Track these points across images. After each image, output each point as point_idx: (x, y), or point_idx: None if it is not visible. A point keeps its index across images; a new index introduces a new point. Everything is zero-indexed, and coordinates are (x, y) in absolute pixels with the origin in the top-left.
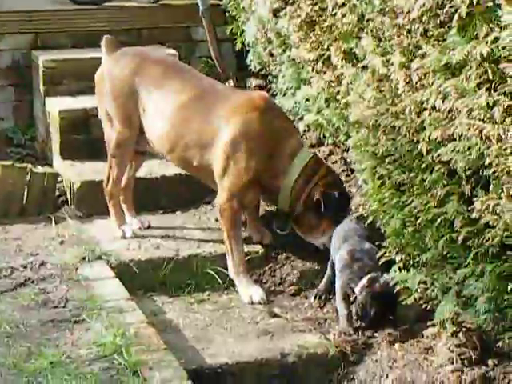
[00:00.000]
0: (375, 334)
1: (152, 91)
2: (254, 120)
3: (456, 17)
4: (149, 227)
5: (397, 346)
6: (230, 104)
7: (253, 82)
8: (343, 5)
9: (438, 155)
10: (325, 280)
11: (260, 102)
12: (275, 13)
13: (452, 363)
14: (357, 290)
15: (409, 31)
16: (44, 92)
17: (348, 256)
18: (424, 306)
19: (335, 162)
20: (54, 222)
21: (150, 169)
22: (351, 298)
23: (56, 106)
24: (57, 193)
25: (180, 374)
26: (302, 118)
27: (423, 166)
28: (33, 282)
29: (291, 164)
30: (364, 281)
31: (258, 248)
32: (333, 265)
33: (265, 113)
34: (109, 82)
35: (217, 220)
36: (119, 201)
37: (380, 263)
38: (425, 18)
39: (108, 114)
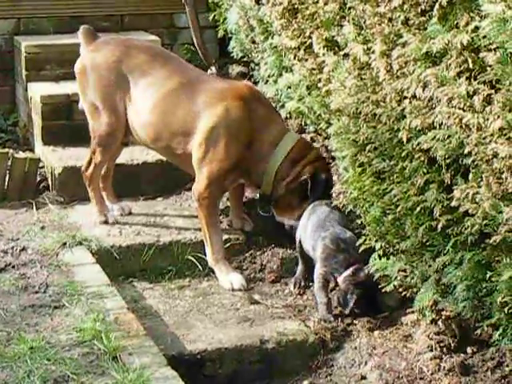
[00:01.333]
0: (354, 322)
1: (138, 80)
2: (236, 107)
3: (437, 6)
4: (130, 213)
5: (376, 333)
6: (213, 91)
7: (235, 68)
8: None
9: (418, 143)
10: (300, 267)
11: (244, 90)
12: (258, 0)
13: (431, 350)
14: (340, 279)
15: (390, 19)
16: (26, 77)
17: (333, 246)
18: (403, 293)
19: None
20: (35, 207)
21: (131, 155)
22: (330, 286)
23: (38, 91)
24: (38, 178)
25: (159, 359)
26: (283, 106)
27: (403, 154)
28: (13, 267)
29: (276, 148)
30: (349, 271)
31: (239, 235)
32: (303, 252)
33: (248, 101)
34: (93, 72)
35: None
36: (99, 186)
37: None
38: (406, 6)
39: (93, 105)
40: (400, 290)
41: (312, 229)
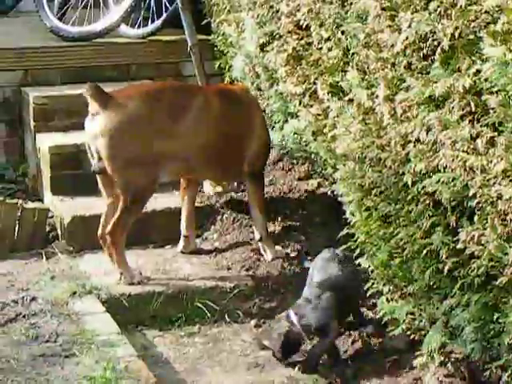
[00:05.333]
0: (364, 366)
1: (177, 117)
2: None
3: (439, 50)
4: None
5: (386, 377)
6: (245, 93)
7: None
8: (329, 39)
9: (423, 187)
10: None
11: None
12: (262, 47)
13: None
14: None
15: (393, 64)
16: (35, 128)
17: None
18: (412, 336)
19: (323, 194)
20: (44, 257)
21: None
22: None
23: (46, 141)
24: (47, 228)
25: None
26: (290, 152)
27: (409, 197)
28: (24, 316)
29: None
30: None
31: (247, 281)
32: None
33: None
34: (129, 127)
35: (210, 252)
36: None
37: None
38: (408, 51)
39: (128, 161)
40: (408, 332)
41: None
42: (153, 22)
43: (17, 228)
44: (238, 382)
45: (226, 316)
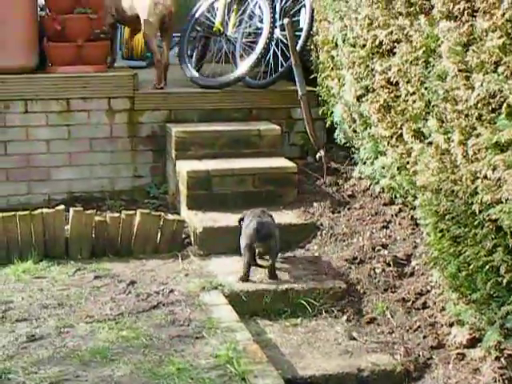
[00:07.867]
0: (433, 357)
1: None
2: None
3: (505, 105)
4: None
5: (450, 366)
6: None
7: (340, 153)
8: (413, 93)
9: (488, 214)
10: None
11: None
12: (358, 98)
13: (495, 382)
14: None
15: (466, 115)
16: (175, 156)
17: None
18: (473, 334)
19: (404, 218)
20: (180, 258)
21: None
22: None
23: (185, 167)
24: (183, 236)
25: (278, 381)
26: (378, 182)
27: (476, 222)
28: (163, 305)
29: None
30: None
31: (341, 284)
32: None
33: None
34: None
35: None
36: None
37: None
38: (479, 105)
39: None
40: (471, 331)
41: None
42: (271, 75)
43: (159, 235)
44: (331, 365)
45: (323, 311)
